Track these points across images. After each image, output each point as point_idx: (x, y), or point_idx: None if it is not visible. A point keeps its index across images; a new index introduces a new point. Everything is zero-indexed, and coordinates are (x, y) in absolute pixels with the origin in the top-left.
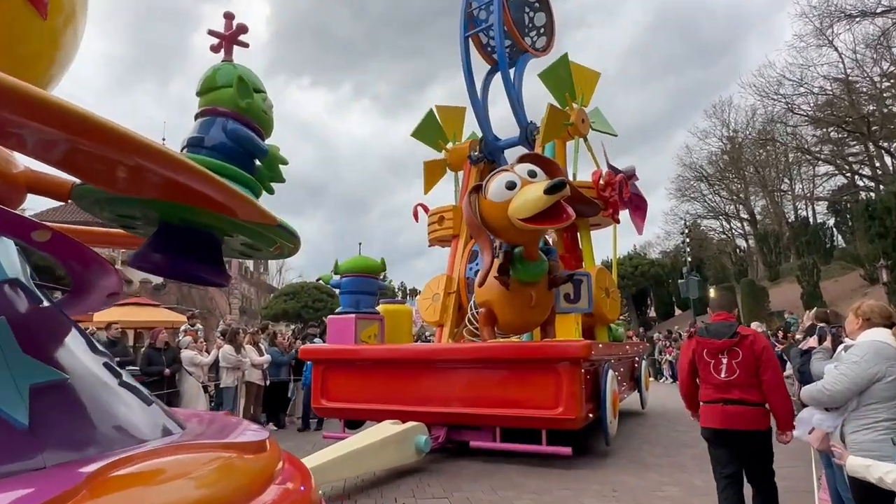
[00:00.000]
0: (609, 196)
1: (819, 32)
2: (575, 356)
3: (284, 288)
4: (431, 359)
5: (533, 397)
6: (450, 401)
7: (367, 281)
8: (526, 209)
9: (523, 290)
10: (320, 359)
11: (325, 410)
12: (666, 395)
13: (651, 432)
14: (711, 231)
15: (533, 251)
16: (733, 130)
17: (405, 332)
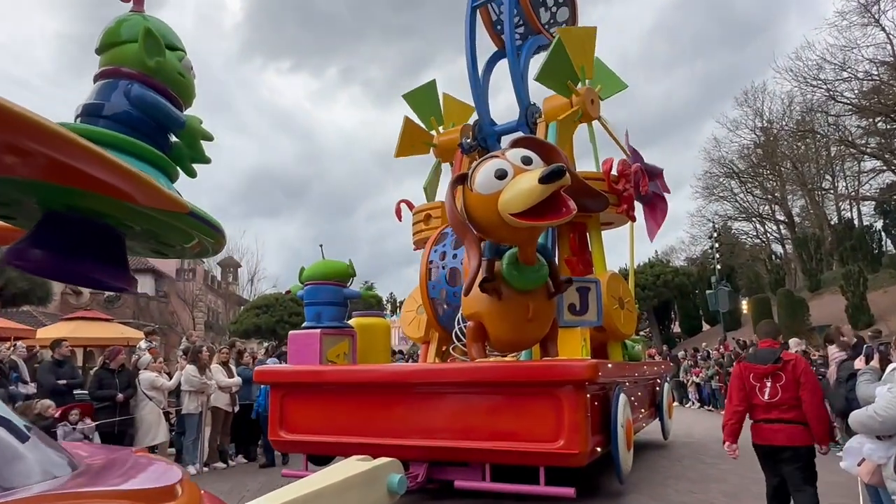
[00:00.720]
0: (623, 189)
1: (864, 9)
2: (578, 378)
3: (256, 300)
4: (407, 382)
5: (528, 428)
6: (431, 432)
7: (330, 289)
8: (518, 202)
9: (518, 301)
10: (278, 382)
11: (284, 444)
12: (694, 422)
13: (675, 465)
14: (743, 235)
15: (529, 253)
16: (768, 121)
17: (382, 349)
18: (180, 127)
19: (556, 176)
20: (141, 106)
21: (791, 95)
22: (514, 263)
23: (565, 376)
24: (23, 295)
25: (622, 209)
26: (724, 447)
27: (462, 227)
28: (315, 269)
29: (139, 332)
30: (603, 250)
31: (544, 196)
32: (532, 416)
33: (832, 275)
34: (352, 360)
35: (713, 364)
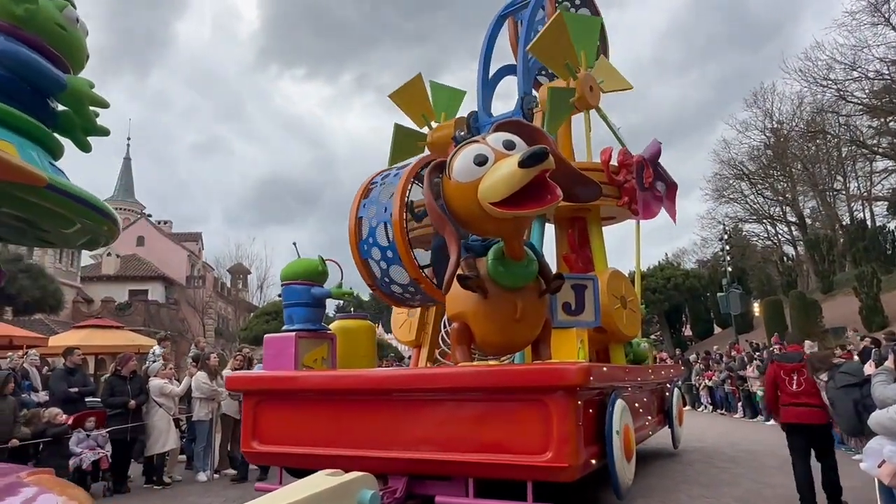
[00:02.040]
0: (624, 181)
1: (874, 8)
2: (567, 383)
3: (266, 307)
4: (383, 389)
5: (514, 439)
6: (411, 443)
7: (299, 289)
8: (498, 189)
9: (506, 299)
10: (250, 389)
11: (257, 456)
12: (706, 426)
13: (687, 469)
14: (754, 237)
15: (516, 247)
16: (777, 122)
17: (366, 353)
18: (60, 89)
19: (538, 158)
20: (4, 61)
21: (801, 96)
22: (500, 259)
23: (553, 381)
24: (35, 303)
25: (623, 202)
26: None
27: (440, 219)
28: (289, 268)
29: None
30: (603, 246)
31: (525, 181)
32: (517, 425)
33: (845, 276)
34: (331, 366)
35: (724, 368)
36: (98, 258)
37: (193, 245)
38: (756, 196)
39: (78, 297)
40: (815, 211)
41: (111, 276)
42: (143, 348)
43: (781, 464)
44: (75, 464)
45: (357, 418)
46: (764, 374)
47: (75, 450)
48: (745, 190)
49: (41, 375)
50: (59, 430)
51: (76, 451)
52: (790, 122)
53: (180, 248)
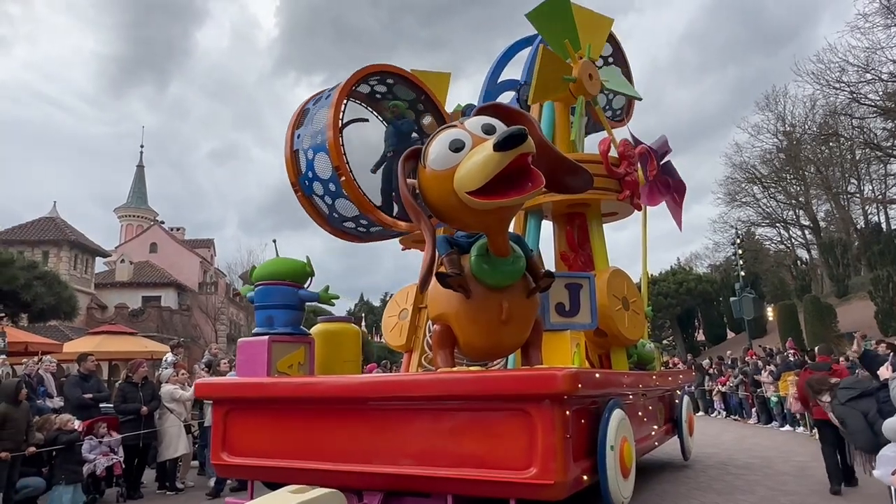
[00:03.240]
0: (625, 173)
1: (887, 11)
2: (553, 391)
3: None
4: (354, 397)
5: (496, 452)
6: (387, 456)
7: (283, 291)
8: (474, 177)
9: (490, 299)
10: (220, 397)
11: (227, 469)
12: (720, 431)
13: (701, 476)
14: (767, 241)
15: (500, 242)
16: (790, 125)
17: (350, 358)
18: None
19: (515, 140)
20: None
21: (813, 99)
22: (484, 255)
23: (537, 389)
24: (50, 310)
25: (624, 196)
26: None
27: (414, 211)
28: (267, 267)
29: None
30: (604, 244)
31: (502, 166)
32: (499, 437)
33: (860, 280)
34: (308, 372)
35: (738, 373)
36: (112, 265)
37: (206, 251)
38: (769, 200)
39: (92, 303)
40: (829, 214)
41: (124, 282)
42: (156, 354)
43: (796, 470)
44: (89, 470)
45: (330, 429)
46: (778, 379)
47: (88, 456)
48: (758, 193)
49: (56, 382)
50: (70, 438)
51: (89, 457)
52: (803, 124)
53: (193, 255)
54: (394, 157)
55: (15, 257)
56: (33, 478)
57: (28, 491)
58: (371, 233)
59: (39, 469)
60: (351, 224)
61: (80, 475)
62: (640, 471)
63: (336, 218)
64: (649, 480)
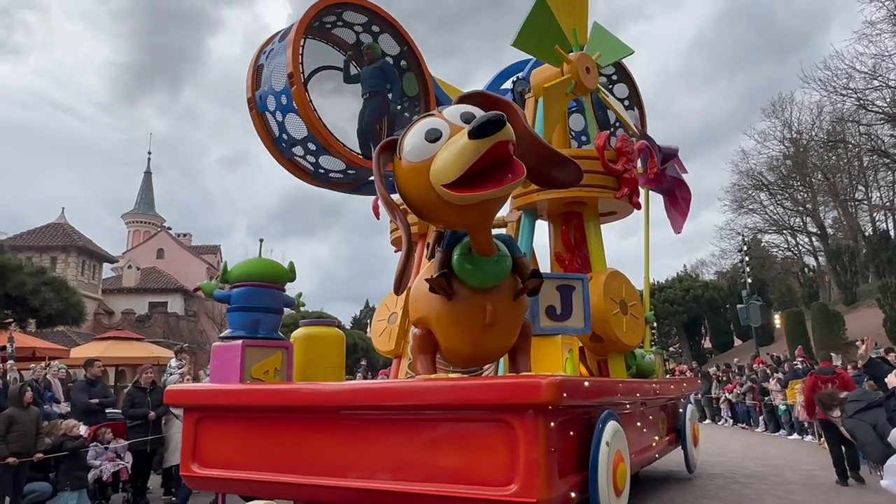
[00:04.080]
0: (623, 170)
1: (894, 18)
2: (535, 401)
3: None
4: (323, 405)
5: (475, 466)
6: (361, 470)
7: (272, 294)
8: (449, 168)
9: (473, 302)
10: (190, 405)
11: (197, 481)
12: (728, 439)
13: (708, 484)
14: (774, 248)
15: (482, 240)
16: (797, 132)
17: (333, 364)
18: None
19: (491, 127)
20: None
21: (820, 105)
22: (467, 254)
23: (518, 398)
24: (58, 315)
25: (622, 193)
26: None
27: (389, 206)
28: (252, 267)
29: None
30: (602, 245)
31: (478, 155)
32: (479, 450)
33: (868, 287)
34: (286, 378)
35: (747, 379)
36: (119, 271)
37: (212, 257)
38: (776, 206)
39: (99, 309)
40: (836, 221)
41: (131, 288)
42: (163, 360)
43: (805, 479)
44: (95, 475)
45: (302, 440)
46: (786, 387)
47: (94, 462)
48: (765, 200)
49: (63, 387)
50: (75, 445)
51: (95, 463)
52: (810, 131)
53: (199, 261)
54: (369, 99)
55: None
56: (40, 483)
57: (34, 496)
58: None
59: (46, 474)
60: (299, 150)
61: (85, 481)
62: (646, 478)
63: (286, 140)
64: (655, 489)
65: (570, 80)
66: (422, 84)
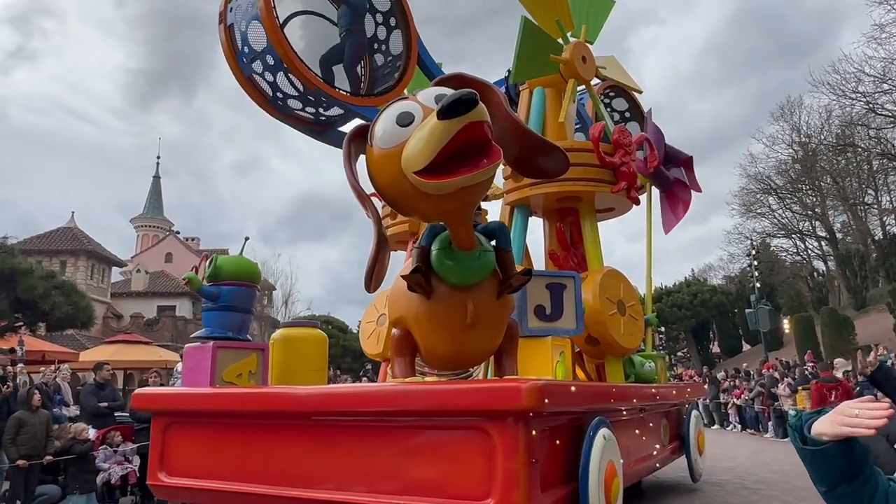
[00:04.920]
0: (620, 163)
1: None
2: (513, 407)
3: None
4: (288, 411)
5: (450, 478)
6: (331, 481)
7: (250, 293)
8: (419, 153)
9: (453, 300)
10: (158, 410)
11: (164, 490)
12: (735, 445)
13: (716, 490)
14: (783, 252)
15: (462, 234)
16: (805, 135)
17: (315, 367)
18: None
19: (461, 106)
20: None
21: (829, 109)
22: (446, 249)
23: (494, 404)
24: (67, 319)
25: (619, 187)
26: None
27: (358, 194)
28: (243, 266)
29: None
30: (598, 242)
31: (448, 137)
32: (454, 461)
33: (878, 292)
34: (261, 382)
35: (756, 385)
36: (127, 275)
37: None
38: (784, 211)
39: (108, 312)
40: (845, 225)
41: (140, 292)
42: (171, 363)
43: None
44: (103, 479)
45: (271, 448)
46: (796, 392)
47: (102, 465)
48: (773, 204)
49: (72, 390)
50: (84, 448)
51: (103, 466)
52: (818, 135)
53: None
54: (347, 35)
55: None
56: (49, 486)
57: (44, 499)
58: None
59: (56, 477)
60: (258, 66)
61: (94, 484)
62: (653, 486)
63: (281, 98)
64: (662, 496)
65: (573, 82)
66: (406, 41)
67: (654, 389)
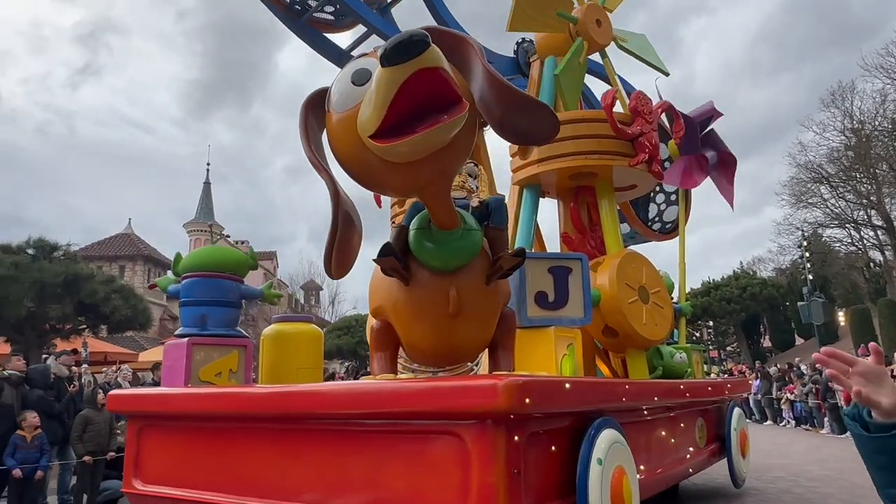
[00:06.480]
0: (640, 133)
1: None
2: (491, 408)
3: (338, 322)
4: (245, 414)
5: (422, 491)
6: (298, 491)
7: (220, 284)
8: (370, 115)
9: (435, 286)
10: (132, 412)
11: (139, 499)
12: (790, 441)
13: (769, 487)
14: (837, 242)
15: (438, 208)
16: (858, 121)
17: (309, 364)
18: None
19: (405, 49)
20: None
21: (884, 93)
22: (424, 229)
23: (467, 404)
24: (126, 321)
25: (638, 160)
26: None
27: (317, 167)
28: (199, 256)
29: None
30: (616, 222)
31: (395, 87)
32: (425, 471)
33: None
34: (244, 380)
35: (809, 381)
36: None
37: (269, 263)
38: (837, 200)
39: (164, 314)
40: None
41: None
42: None
43: None
44: None
45: (234, 454)
46: None
47: None
48: (825, 194)
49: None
50: None
51: None
52: (872, 120)
53: None
54: None
55: (95, 272)
56: (113, 481)
57: (109, 493)
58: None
59: (119, 472)
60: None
61: None
62: (702, 482)
63: None
64: (713, 493)
65: (583, 43)
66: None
67: (683, 385)
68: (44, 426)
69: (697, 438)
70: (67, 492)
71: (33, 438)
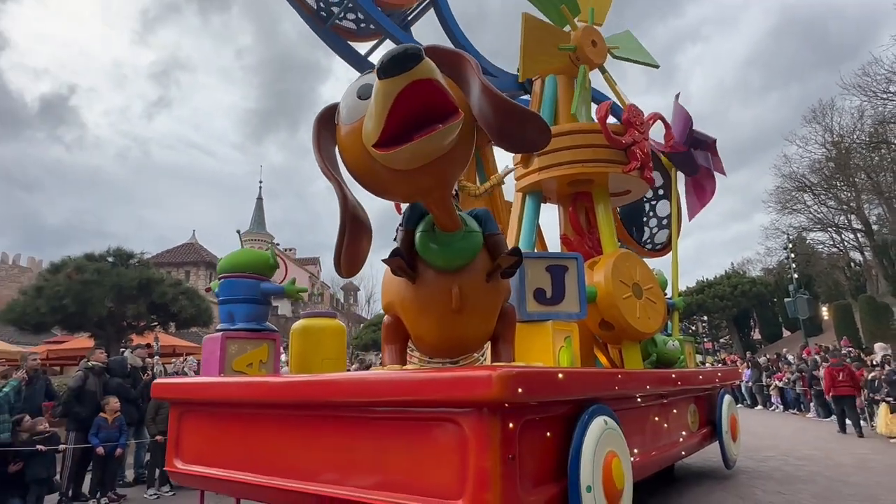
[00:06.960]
0: (632, 142)
1: None
2: (486, 397)
3: (373, 318)
4: (268, 401)
5: (424, 475)
6: (308, 472)
7: (245, 283)
8: (371, 126)
9: (439, 284)
10: (174, 398)
11: (180, 476)
12: (780, 424)
13: (761, 466)
14: (820, 245)
15: (442, 214)
16: (838, 135)
17: (333, 356)
18: None
19: (399, 61)
20: None
21: (861, 109)
22: (429, 231)
23: (463, 393)
24: (191, 319)
25: (631, 167)
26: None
27: (327, 175)
28: (227, 260)
29: None
30: (612, 225)
31: (391, 99)
32: (428, 456)
33: None
34: (273, 370)
35: (796, 369)
36: None
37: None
38: (820, 206)
39: None
40: (881, 217)
41: None
42: None
43: (858, 462)
44: None
45: (259, 437)
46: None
47: None
48: (809, 201)
49: None
50: None
51: None
52: (851, 134)
53: (303, 271)
54: None
55: (164, 277)
56: None
57: None
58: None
59: None
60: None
61: None
62: (696, 463)
63: None
64: (707, 473)
65: (566, 37)
66: None
67: (675, 374)
68: (122, 410)
69: (690, 423)
70: (142, 466)
71: (114, 420)
